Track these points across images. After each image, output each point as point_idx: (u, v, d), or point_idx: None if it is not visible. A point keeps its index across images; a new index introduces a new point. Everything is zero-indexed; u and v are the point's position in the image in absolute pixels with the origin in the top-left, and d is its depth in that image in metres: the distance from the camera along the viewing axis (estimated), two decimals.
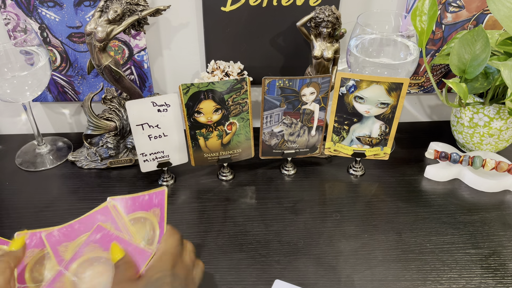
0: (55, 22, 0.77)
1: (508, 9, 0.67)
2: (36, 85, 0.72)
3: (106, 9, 0.70)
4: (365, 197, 0.75)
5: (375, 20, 0.76)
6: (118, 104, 0.79)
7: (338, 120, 0.73)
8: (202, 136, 0.72)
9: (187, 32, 0.81)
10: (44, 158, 0.83)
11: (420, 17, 0.71)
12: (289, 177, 0.79)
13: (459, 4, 0.78)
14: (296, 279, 0.61)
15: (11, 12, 0.75)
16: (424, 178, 0.79)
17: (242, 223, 0.70)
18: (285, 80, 0.68)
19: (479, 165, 0.75)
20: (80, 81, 0.83)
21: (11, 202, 0.74)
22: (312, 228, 0.69)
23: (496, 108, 0.75)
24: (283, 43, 0.81)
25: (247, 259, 0.64)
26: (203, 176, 0.79)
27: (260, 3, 0.76)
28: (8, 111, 0.88)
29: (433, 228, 0.69)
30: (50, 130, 0.91)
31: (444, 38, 0.82)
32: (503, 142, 0.79)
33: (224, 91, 0.68)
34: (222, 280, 0.61)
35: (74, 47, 0.80)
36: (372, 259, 0.64)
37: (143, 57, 0.81)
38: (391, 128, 0.72)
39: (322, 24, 0.71)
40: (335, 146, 0.76)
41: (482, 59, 0.69)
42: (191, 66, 0.85)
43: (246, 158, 0.77)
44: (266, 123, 0.72)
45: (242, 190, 0.76)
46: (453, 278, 0.61)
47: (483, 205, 0.73)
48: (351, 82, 0.69)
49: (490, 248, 0.66)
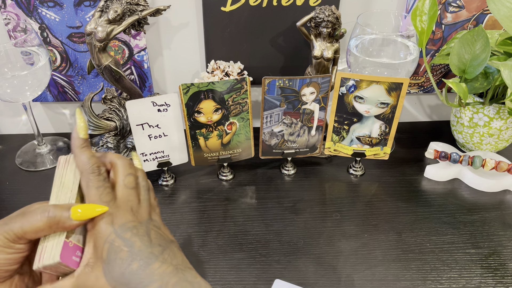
0: (55, 22, 0.77)
1: (508, 9, 0.67)
2: (36, 85, 0.72)
3: (106, 9, 0.70)
4: (365, 197, 0.75)
5: (375, 20, 0.76)
6: (118, 104, 0.79)
7: (338, 120, 0.73)
8: (202, 136, 0.72)
9: (187, 32, 0.81)
10: (44, 158, 0.83)
11: (420, 17, 0.71)
12: (289, 177, 0.79)
13: (459, 4, 0.78)
14: (296, 279, 0.61)
15: (11, 12, 0.75)
16: (424, 178, 0.79)
17: (242, 223, 0.70)
18: (285, 80, 0.68)
19: (479, 165, 0.75)
20: (80, 81, 0.83)
21: (11, 202, 0.74)
22: (312, 228, 0.69)
23: (496, 108, 0.75)
24: (283, 43, 0.81)
25: (247, 259, 0.64)
26: (203, 176, 0.79)
27: (260, 3, 0.76)
28: (8, 111, 0.88)
29: (433, 228, 0.69)
30: (50, 130, 0.91)
31: (444, 38, 0.82)
32: (503, 142, 0.79)
33: (224, 91, 0.69)
34: (222, 280, 0.61)
35: (74, 47, 0.80)
36: (372, 259, 0.64)
37: (143, 57, 0.82)
38: (391, 128, 0.72)
39: (322, 24, 0.72)
40: (335, 146, 0.76)
41: (482, 59, 0.69)
42: (191, 66, 0.85)
43: (246, 158, 0.77)
44: (266, 123, 0.72)
45: (242, 190, 0.76)
46: (453, 277, 0.61)
47: (483, 205, 0.73)
48: (351, 82, 0.69)
49: (490, 248, 0.66)
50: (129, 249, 0.36)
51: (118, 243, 0.36)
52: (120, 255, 0.36)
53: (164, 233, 0.40)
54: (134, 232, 0.37)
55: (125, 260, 0.36)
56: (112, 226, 0.37)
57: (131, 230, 0.37)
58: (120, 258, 0.36)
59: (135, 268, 0.36)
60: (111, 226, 0.37)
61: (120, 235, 0.37)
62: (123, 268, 0.36)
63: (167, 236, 0.40)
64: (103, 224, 0.37)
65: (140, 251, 0.36)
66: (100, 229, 0.37)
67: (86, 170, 0.39)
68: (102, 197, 0.38)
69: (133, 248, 0.36)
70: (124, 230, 0.37)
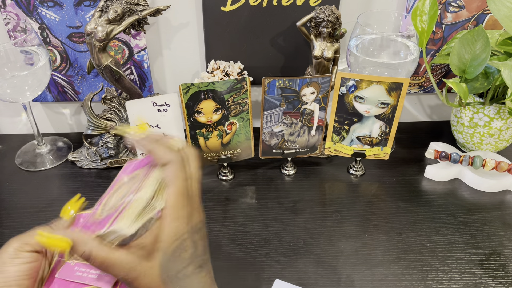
0: (55, 22, 0.77)
1: (508, 9, 0.67)
2: (36, 85, 0.72)
3: (106, 9, 0.70)
4: (365, 197, 0.75)
5: (375, 20, 0.76)
6: (118, 104, 0.79)
7: (338, 120, 0.73)
8: (202, 136, 0.72)
9: (187, 32, 0.81)
10: (44, 158, 0.83)
11: (421, 17, 0.71)
12: (289, 177, 0.79)
13: (459, 4, 0.78)
14: (296, 279, 0.61)
15: (11, 12, 0.75)
16: (424, 178, 0.79)
17: (242, 223, 0.70)
18: (285, 80, 0.68)
19: (479, 165, 0.75)
20: (80, 81, 0.83)
21: (11, 202, 0.74)
22: (312, 228, 0.69)
23: (496, 108, 0.75)
24: (283, 43, 0.81)
25: (247, 259, 0.64)
26: (203, 176, 0.79)
27: (260, 3, 0.76)
28: (8, 111, 0.88)
29: (433, 228, 0.69)
30: (50, 130, 0.91)
31: (444, 38, 0.82)
32: (503, 142, 0.79)
33: (224, 91, 0.68)
34: (222, 280, 0.61)
35: (74, 47, 0.80)
36: (372, 259, 0.64)
37: (143, 57, 0.81)
38: (391, 128, 0.72)
39: (322, 24, 0.71)
40: (335, 146, 0.76)
41: (482, 59, 0.69)
42: (191, 66, 0.85)
43: (246, 158, 0.77)
44: (266, 123, 0.72)
45: (242, 190, 0.76)
46: (453, 278, 0.61)
47: (483, 205, 0.73)
48: (351, 82, 0.69)
49: (490, 248, 0.66)
50: (192, 251, 0.37)
51: (187, 243, 0.37)
52: (184, 255, 0.36)
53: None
54: (200, 235, 0.38)
55: (186, 261, 0.37)
56: (188, 225, 0.37)
57: (199, 232, 0.38)
58: (183, 258, 0.36)
59: (190, 271, 0.37)
60: (187, 224, 0.37)
61: (192, 235, 0.37)
62: (181, 268, 0.36)
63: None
64: (182, 220, 0.37)
65: (198, 256, 0.37)
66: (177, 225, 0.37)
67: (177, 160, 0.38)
68: (189, 191, 0.38)
69: (196, 251, 0.37)
70: (195, 230, 0.37)
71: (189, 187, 0.38)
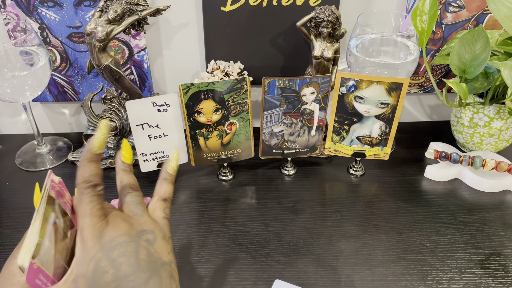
0: (55, 22, 0.77)
1: (508, 9, 0.67)
2: (36, 85, 0.72)
3: (106, 9, 0.70)
4: (365, 197, 0.75)
5: (375, 20, 0.76)
6: (118, 104, 0.79)
7: (338, 120, 0.73)
8: (202, 136, 0.72)
9: (187, 32, 0.81)
10: (44, 158, 0.82)
11: (421, 17, 0.71)
12: (289, 177, 0.79)
13: (459, 4, 0.78)
14: (296, 279, 0.61)
15: (11, 12, 0.75)
16: (424, 178, 0.79)
17: (242, 223, 0.70)
18: (285, 80, 0.68)
19: (479, 165, 0.75)
20: (80, 81, 0.83)
21: (11, 202, 0.74)
22: (312, 228, 0.69)
23: (496, 108, 0.75)
24: (283, 43, 0.81)
25: (247, 259, 0.64)
26: (203, 176, 0.79)
27: (260, 3, 0.76)
28: (8, 111, 0.88)
29: (433, 228, 0.69)
30: (50, 130, 0.91)
31: (444, 38, 0.82)
32: (503, 142, 0.79)
33: (224, 91, 0.68)
34: (222, 280, 0.61)
35: (74, 47, 0.80)
36: (372, 259, 0.64)
37: (143, 57, 0.81)
38: (391, 128, 0.72)
39: (322, 24, 0.71)
40: (335, 146, 0.76)
41: (482, 59, 0.69)
42: (191, 66, 0.85)
43: (246, 158, 0.77)
44: (266, 123, 0.72)
45: (242, 190, 0.76)
46: (453, 278, 0.61)
47: (483, 205, 0.73)
48: (351, 82, 0.69)
49: (490, 248, 0.66)
50: (114, 271, 0.33)
51: (104, 264, 0.34)
52: (105, 278, 0.33)
53: (156, 251, 0.36)
54: (121, 251, 0.34)
55: (110, 284, 0.33)
56: (99, 242, 0.34)
57: (119, 247, 0.34)
58: (105, 281, 0.33)
59: None
60: (99, 241, 0.34)
61: (107, 253, 0.34)
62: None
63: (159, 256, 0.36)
64: (90, 238, 0.34)
65: (125, 276, 0.34)
66: (86, 244, 0.34)
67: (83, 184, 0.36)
68: (94, 211, 0.35)
69: (119, 272, 0.34)
70: (111, 247, 0.34)
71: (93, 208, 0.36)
